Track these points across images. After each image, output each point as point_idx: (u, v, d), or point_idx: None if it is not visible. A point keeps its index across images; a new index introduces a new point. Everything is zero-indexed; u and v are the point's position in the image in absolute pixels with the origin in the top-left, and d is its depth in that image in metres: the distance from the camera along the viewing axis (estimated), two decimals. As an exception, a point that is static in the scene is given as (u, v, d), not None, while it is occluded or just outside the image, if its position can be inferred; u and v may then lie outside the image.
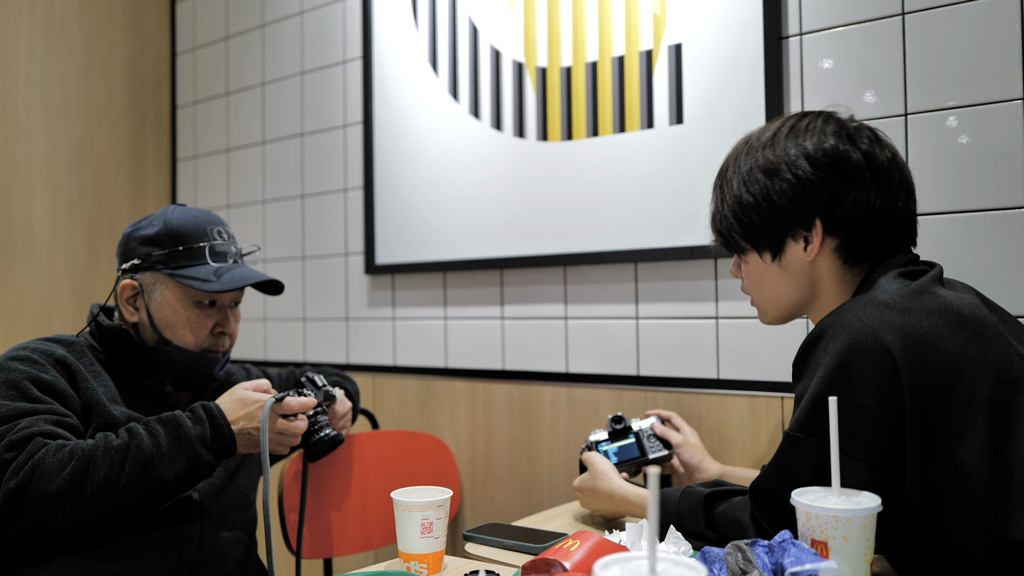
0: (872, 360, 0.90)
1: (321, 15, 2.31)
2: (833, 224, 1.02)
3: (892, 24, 1.43)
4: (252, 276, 1.37)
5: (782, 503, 0.96)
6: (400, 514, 1.10)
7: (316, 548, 1.62)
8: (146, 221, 1.40)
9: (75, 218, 2.45)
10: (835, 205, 1.01)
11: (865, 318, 0.93)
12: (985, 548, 0.86)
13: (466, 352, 1.99)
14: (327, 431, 1.36)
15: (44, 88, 2.39)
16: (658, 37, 1.67)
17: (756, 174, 1.05)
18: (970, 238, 1.36)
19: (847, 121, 1.06)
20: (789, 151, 1.03)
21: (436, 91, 2.03)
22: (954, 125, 1.37)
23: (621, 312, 1.74)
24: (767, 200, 1.04)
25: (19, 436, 1.14)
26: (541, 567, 0.91)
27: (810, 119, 1.06)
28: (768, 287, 1.10)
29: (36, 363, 1.25)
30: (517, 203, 1.88)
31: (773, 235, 1.05)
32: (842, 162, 1.01)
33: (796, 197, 1.02)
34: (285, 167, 2.39)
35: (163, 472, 1.17)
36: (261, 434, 1.23)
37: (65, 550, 1.20)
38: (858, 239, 1.03)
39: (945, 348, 0.90)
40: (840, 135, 1.03)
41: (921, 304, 0.93)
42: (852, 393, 0.91)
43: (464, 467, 1.98)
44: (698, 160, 1.62)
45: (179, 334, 1.36)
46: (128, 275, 1.37)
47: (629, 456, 1.42)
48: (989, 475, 0.87)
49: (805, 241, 1.04)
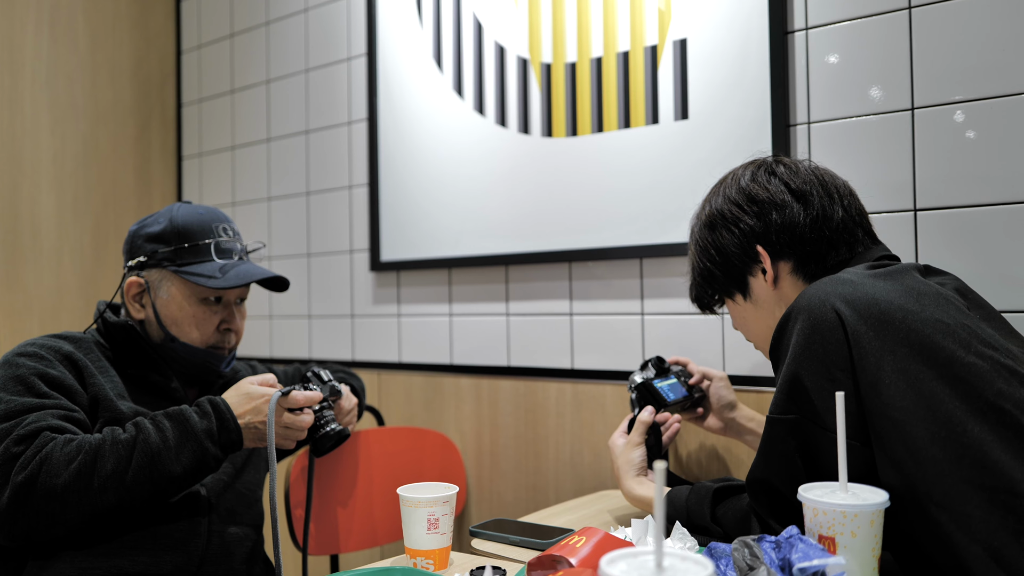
0: (830, 333, 0.94)
1: (325, 12, 2.30)
2: (776, 248, 1.12)
3: (899, 18, 1.42)
4: (257, 273, 1.38)
5: (778, 492, 0.98)
6: (406, 510, 1.10)
7: (323, 544, 1.63)
8: (152, 219, 1.40)
9: (81, 216, 2.46)
10: (768, 232, 1.12)
11: (822, 291, 0.97)
12: (939, 523, 0.86)
13: (471, 349, 1.99)
14: (333, 426, 1.36)
15: (50, 87, 2.40)
16: (663, 32, 1.67)
17: (703, 232, 1.19)
18: (977, 232, 1.35)
19: (765, 160, 1.18)
20: (719, 203, 1.17)
21: (440, 88, 2.02)
22: (961, 120, 1.37)
23: (626, 308, 1.74)
24: (716, 249, 1.17)
25: (27, 430, 1.14)
26: (547, 563, 0.91)
27: (734, 171, 1.20)
28: (752, 324, 1.19)
29: (43, 359, 1.25)
30: (522, 199, 1.88)
31: (734, 277, 1.17)
32: (759, 194, 1.13)
33: (736, 238, 1.14)
34: (290, 164, 2.39)
35: (170, 466, 1.17)
36: (267, 428, 1.24)
37: (73, 545, 1.21)
38: (805, 254, 1.11)
39: (899, 325, 0.92)
40: (756, 175, 1.15)
41: (880, 283, 0.97)
42: (821, 369, 0.94)
43: (470, 463, 1.98)
44: (703, 155, 1.62)
45: (185, 331, 1.36)
46: (134, 272, 1.38)
47: (680, 395, 1.42)
48: (940, 452, 0.87)
49: (763, 272, 1.13)
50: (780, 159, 1.18)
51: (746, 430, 1.45)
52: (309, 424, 1.32)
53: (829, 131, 1.49)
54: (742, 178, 1.16)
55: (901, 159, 1.42)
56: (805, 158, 1.21)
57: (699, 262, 1.21)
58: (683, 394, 1.43)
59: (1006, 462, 0.85)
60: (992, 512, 0.84)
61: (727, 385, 1.47)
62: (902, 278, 0.98)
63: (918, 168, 1.41)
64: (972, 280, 1.16)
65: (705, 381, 1.48)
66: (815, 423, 0.94)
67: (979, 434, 0.86)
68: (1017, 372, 0.89)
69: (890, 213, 1.43)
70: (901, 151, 1.42)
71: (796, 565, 0.78)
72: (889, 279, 0.98)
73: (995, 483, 0.84)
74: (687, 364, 1.50)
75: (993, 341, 0.92)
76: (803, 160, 1.18)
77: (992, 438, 0.86)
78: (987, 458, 0.85)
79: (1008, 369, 0.89)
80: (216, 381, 1.46)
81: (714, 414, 1.47)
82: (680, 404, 1.42)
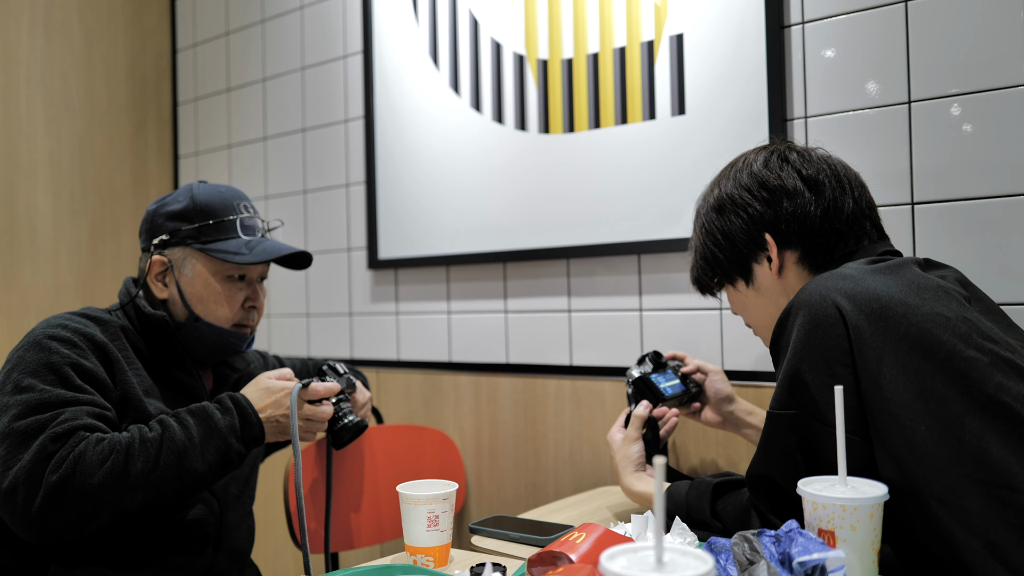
0: (831, 329, 0.94)
1: (321, 10, 2.30)
2: (784, 238, 1.11)
3: (895, 11, 1.42)
4: (284, 248, 1.37)
5: (777, 487, 0.98)
6: (406, 507, 1.10)
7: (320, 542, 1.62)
8: (171, 197, 1.37)
9: (78, 215, 2.45)
10: (777, 221, 1.11)
11: (823, 287, 0.97)
12: (938, 518, 0.86)
13: (470, 346, 1.99)
14: (351, 417, 1.37)
15: (45, 86, 2.39)
16: (659, 27, 1.66)
17: (710, 214, 1.17)
18: (975, 225, 1.35)
19: (777, 146, 1.16)
20: (729, 187, 1.15)
21: (437, 85, 2.02)
22: (958, 112, 1.36)
23: (625, 304, 1.74)
24: (722, 233, 1.15)
25: (64, 428, 1.13)
26: (547, 559, 0.91)
27: (745, 155, 1.18)
28: (752, 311, 1.18)
29: (76, 347, 1.22)
30: (519, 196, 1.87)
31: (739, 264, 1.16)
32: (771, 180, 1.11)
33: (744, 224, 1.13)
34: (287, 163, 2.39)
35: (196, 463, 1.17)
36: (290, 420, 1.24)
37: (97, 561, 1.21)
38: (813, 245, 1.10)
39: (899, 320, 0.91)
40: (769, 161, 1.13)
41: (881, 277, 0.96)
42: (822, 364, 0.93)
43: (469, 461, 1.98)
44: (700, 150, 1.61)
45: (211, 308, 1.34)
46: (157, 251, 1.35)
47: (678, 390, 1.42)
48: (939, 447, 0.87)
49: (768, 261, 1.12)
50: (792, 146, 1.16)
51: (744, 423, 1.45)
52: (330, 415, 1.32)
53: (826, 125, 1.49)
54: (754, 163, 1.15)
55: (898, 152, 1.42)
56: (818, 145, 1.18)
57: (703, 245, 1.19)
58: (680, 389, 1.43)
59: (1004, 457, 0.85)
60: (990, 506, 0.84)
61: (723, 379, 1.47)
62: (902, 272, 0.98)
63: (915, 161, 1.41)
64: (970, 273, 1.17)
65: (700, 375, 1.47)
66: (815, 418, 0.94)
67: (978, 428, 0.86)
68: (1017, 365, 0.89)
69: (888, 206, 1.43)
70: (898, 144, 1.42)
71: (796, 559, 0.79)
72: (889, 274, 0.98)
73: (992, 478, 0.84)
74: (684, 359, 1.50)
75: (993, 334, 0.92)
76: (816, 148, 1.17)
77: (991, 433, 0.86)
78: (985, 453, 0.85)
79: (1008, 362, 0.89)
80: (231, 375, 1.45)
81: (711, 407, 1.47)
82: (677, 399, 1.42)
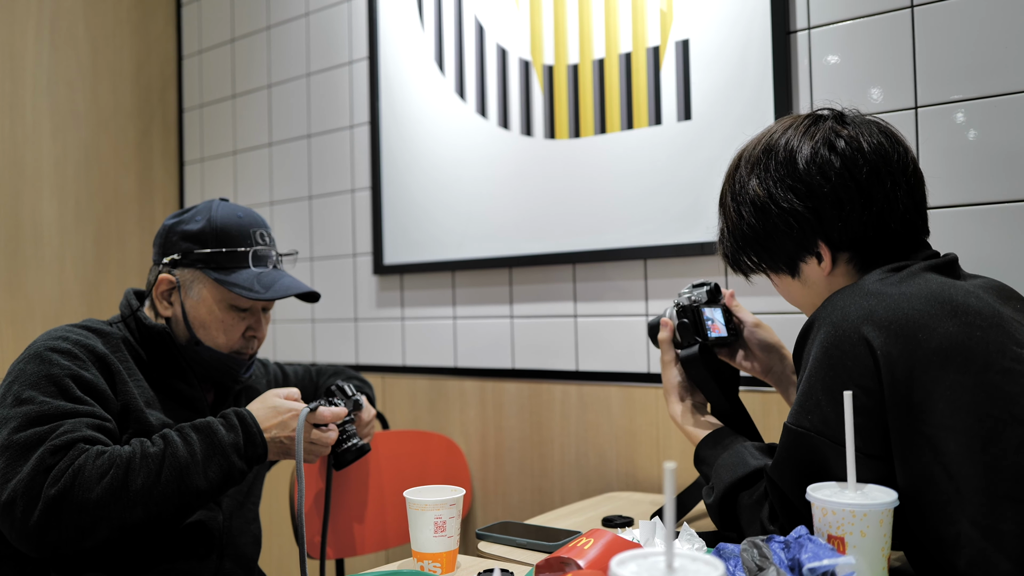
0: (852, 351, 0.91)
1: (326, 16, 2.31)
2: (837, 243, 1.03)
3: (901, 17, 1.42)
4: (295, 286, 1.35)
5: (787, 499, 0.97)
6: (413, 513, 1.09)
7: (330, 549, 1.62)
8: (189, 215, 1.36)
9: (83, 222, 2.46)
10: (831, 228, 1.02)
11: (847, 308, 0.94)
12: (972, 539, 0.85)
13: (475, 351, 1.98)
14: (355, 440, 1.38)
15: (51, 93, 2.40)
16: (665, 33, 1.67)
17: (751, 211, 1.06)
18: (982, 231, 1.35)
19: (823, 124, 1.05)
20: (771, 186, 1.04)
21: (442, 91, 2.02)
22: (964, 118, 1.36)
23: (631, 309, 1.74)
24: (767, 236, 1.06)
25: (62, 441, 1.12)
26: (555, 565, 0.91)
27: (785, 133, 1.06)
28: (797, 296, 1.11)
29: (77, 358, 1.21)
30: (525, 201, 1.88)
31: (785, 262, 1.07)
32: (819, 186, 1.01)
33: (793, 232, 1.03)
34: (292, 169, 2.39)
35: (197, 481, 1.16)
36: (296, 444, 1.24)
37: (98, 568, 1.21)
38: (866, 248, 1.03)
39: (929, 336, 0.89)
40: (815, 154, 1.02)
41: (905, 291, 0.93)
42: (840, 385, 0.92)
43: (475, 466, 1.98)
44: (706, 156, 1.61)
45: (212, 335, 1.34)
46: (166, 269, 1.34)
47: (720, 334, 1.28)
48: (976, 465, 0.85)
49: (818, 258, 1.05)
50: (842, 126, 1.04)
51: (791, 382, 1.32)
52: (334, 440, 1.32)
53: (832, 130, 1.49)
54: (798, 154, 1.03)
55: (905, 158, 1.42)
56: (869, 115, 1.07)
57: (742, 237, 1.09)
58: (722, 335, 1.30)
59: None
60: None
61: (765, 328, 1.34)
62: (929, 282, 0.95)
63: (922, 166, 1.40)
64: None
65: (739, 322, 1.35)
66: (827, 437, 0.93)
67: (1017, 444, 0.85)
68: None
69: (894, 212, 1.42)
70: (905, 150, 1.42)
71: (806, 565, 0.78)
72: (915, 283, 0.94)
73: None
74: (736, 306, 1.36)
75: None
76: (865, 124, 1.05)
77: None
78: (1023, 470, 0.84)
79: None
80: (234, 387, 1.45)
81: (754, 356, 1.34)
82: (716, 343, 1.29)
